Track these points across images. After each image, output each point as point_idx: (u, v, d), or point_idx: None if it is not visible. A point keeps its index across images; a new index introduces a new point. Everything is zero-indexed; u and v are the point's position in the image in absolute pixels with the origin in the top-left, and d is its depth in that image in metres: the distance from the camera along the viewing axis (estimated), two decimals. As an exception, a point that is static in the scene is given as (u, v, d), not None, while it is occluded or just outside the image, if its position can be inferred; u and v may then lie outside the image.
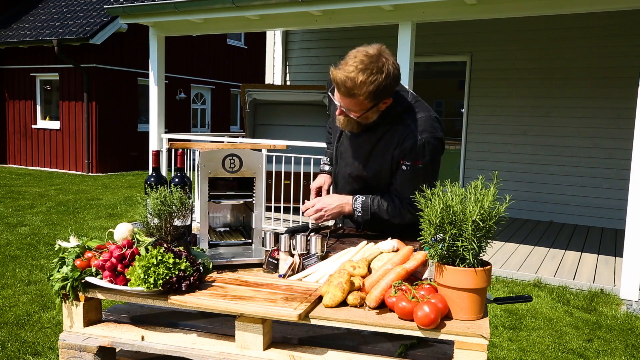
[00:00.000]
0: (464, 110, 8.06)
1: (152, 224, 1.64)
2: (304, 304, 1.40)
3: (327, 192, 2.23)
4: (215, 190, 1.85)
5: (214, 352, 1.49)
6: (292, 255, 1.71)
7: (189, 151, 7.09)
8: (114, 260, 1.50)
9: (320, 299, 1.47)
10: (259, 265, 1.76)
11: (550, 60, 7.39)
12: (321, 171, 2.35)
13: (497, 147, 7.83)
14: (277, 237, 1.74)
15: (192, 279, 1.50)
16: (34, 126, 13.40)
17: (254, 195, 1.82)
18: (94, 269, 1.55)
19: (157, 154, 1.87)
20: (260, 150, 5.73)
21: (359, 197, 2.01)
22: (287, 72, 9.18)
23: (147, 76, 13.26)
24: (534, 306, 4.26)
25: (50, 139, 13.20)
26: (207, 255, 1.71)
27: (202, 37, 15.14)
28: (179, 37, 12.18)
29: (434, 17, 5.32)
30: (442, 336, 1.31)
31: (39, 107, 13.41)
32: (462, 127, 8.09)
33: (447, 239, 1.34)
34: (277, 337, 1.56)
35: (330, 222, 2.18)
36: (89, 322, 1.65)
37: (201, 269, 1.56)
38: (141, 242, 1.58)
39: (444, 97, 8.47)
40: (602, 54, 7.06)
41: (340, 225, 2.31)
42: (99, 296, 1.58)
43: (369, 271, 1.58)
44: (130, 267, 1.50)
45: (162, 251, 1.48)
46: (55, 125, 13.13)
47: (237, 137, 9.27)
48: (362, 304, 1.43)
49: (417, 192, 1.56)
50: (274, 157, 6.54)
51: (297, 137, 7.39)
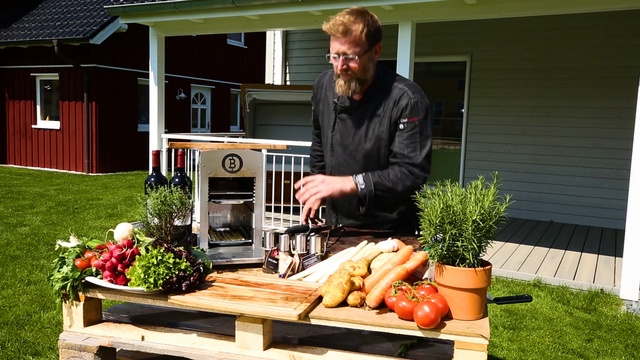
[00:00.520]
0: (464, 110, 8.06)
1: (152, 224, 1.64)
2: (304, 304, 1.40)
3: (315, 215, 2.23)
4: (215, 190, 1.85)
5: (214, 352, 1.49)
6: (291, 255, 1.71)
7: (189, 151, 7.10)
8: (114, 260, 1.50)
9: (320, 299, 1.47)
10: (259, 265, 1.77)
11: (550, 60, 7.39)
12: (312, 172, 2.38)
13: (497, 147, 7.83)
14: (277, 237, 1.74)
15: (192, 279, 1.50)
16: (34, 126, 13.41)
17: (254, 195, 1.82)
18: (94, 269, 1.55)
19: (157, 154, 1.87)
20: (260, 150, 5.73)
21: (359, 174, 2.00)
22: (287, 72, 9.18)
23: (147, 76, 13.26)
24: (534, 306, 4.26)
25: (50, 139, 13.20)
26: (207, 255, 1.71)
27: (202, 37, 15.14)
28: (179, 37, 12.16)
29: (434, 17, 5.32)
30: (442, 336, 1.31)
31: (39, 107, 13.41)
32: (462, 127, 8.08)
33: (447, 239, 1.34)
34: (277, 337, 1.56)
35: (317, 223, 2.15)
36: (89, 322, 1.65)
37: (201, 269, 1.56)
38: (141, 242, 1.58)
39: (444, 97, 8.46)
40: (602, 54, 7.06)
41: (340, 225, 2.31)
42: (99, 296, 1.58)
43: (369, 271, 1.58)
44: (130, 267, 1.50)
45: (162, 251, 1.48)
46: (55, 125, 13.13)
47: (237, 137, 9.27)
48: (362, 304, 1.43)
49: (416, 150, 1.82)
50: (274, 157, 6.54)
51: (297, 137, 7.39)
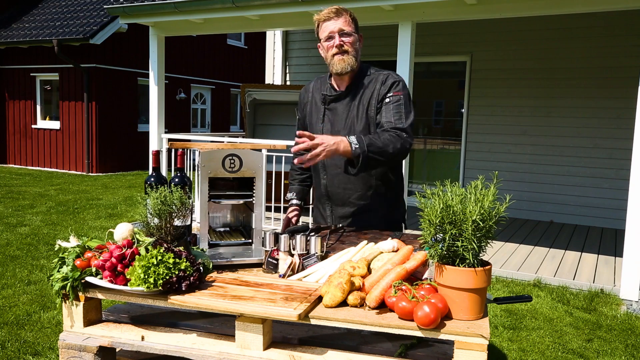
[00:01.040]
0: (464, 110, 8.06)
1: (152, 224, 1.64)
2: (304, 304, 1.40)
3: (296, 222, 2.38)
4: (215, 190, 1.85)
5: (214, 352, 1.49)
6: (291, 255, 1.71)
7: (189, 151, 7.10)
8: (114, 260, 1.50)
9: (320, 299, 1.47)
10: (259, 265, 1.77)
11: (550, 60, 7.39)
12: (290, 204, 2.46)
13: (497, 147, 7.83)
14: (276, 237, 1.74)
15: (192, 279, 1.50)
16: (34, 126, 13.41)
17: (254, 195, 1.82)
18: (94, 269, 1.55)
19: (157, 154, 1.87)
20: (260, 150, 5.73)
21: (352, 135, 2.02)
22: (287, 72, 9.18)
23: (147, 76, 13.26)
24: (534, 306, 4.26)
25: (50, 139, 13.20)
26: (207, 255, 1.71)
27: (202, 37, 15.14)
28: (179, 37, 12.18)
29: (434, 17, 5.32)
30: (442, 336, 1.31)
31: (39, 107, 13.41)
32: (462, 127, 8.08)
33: (447, 239, 1.34)
34: (277, 337, 1.56)
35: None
36: (89, 322, 1.65)
37: (201, 269, 1.56)
38: (141, 242, 1.58)
39: (444, 97, 8.46)
40: (602, 54, 7.06)
41: (340, 225, 2.31)
42: (99, 296, 1.58)
43: (369, 271, 1.58)
44: (130, 267, 1.50)
45: (162, 251, 1.48)
46: (55, 125, 13.13)
47: (237, 137, 9.27)
48: (362, 304, 1.43)
49: (402, 118, 2.10)
50: (274, 157, 6.54)
51: (297, 137, 7.37)
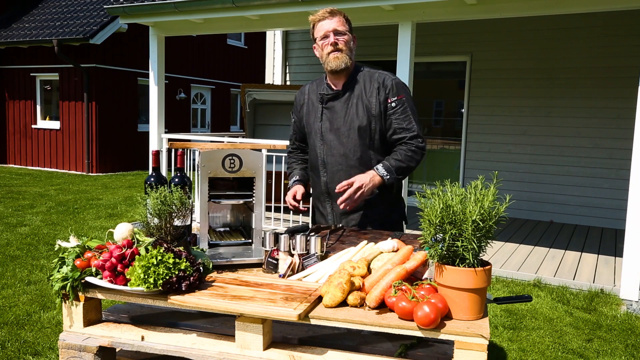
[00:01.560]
0: (464, 110, 8.06)
1: (152, 224, 1.64)
2: (304, 304, 1.40)
3: (301, 198, 2.37)
4: (215, 190, 1.85)
5: (214, 352, 1.49)
6: (291, 255, 1.71)
7: (189, 151, 7.09)
8: (114, 260, 1.50)
9: (320, 299, 1.47)
10: (258, 265, 1.76)
11: (550, 60, 7.39)
12: (294, 182, 2.47)
13: (497, 147, 7.83)
14: (276, 237, 1.74)
15: (192, 279, 1.50)
16: (34, 126, 13.40)
17: (254, 195, 1.82)
18: (94, 269, 1.55)
19: (157, 154, 1.87)
20: (260, 150, 5.73)
21: (378, 166, 2.18)
22: (287, 72, 9.17)
23: (147, 76, 13.25)
24: (534, 306, 4.26)
25: (50, 139, 13.20)
26: (207, 255, 1.71)
27: (202, 37, 15.14)
28: (179, 37, 12.17)
29: (434, 17, 5.32)
30: (442, 336, 1.31)
31: (39, 107, 13.41)
32: (462, 127, 8.08)
33: (447, 239, 1.34)
34: (277, 337, 1.56)
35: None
36: (89, 322, 1.65)
37: (201, 269, 1.56)
38: (141, 242, 1.58)
39: (444, 97, 8.46)
40: (602, 54, 7.06)
41: (340, 225, 2.31)
42: (99, 296, 1.58)
43: (369, 271, 1.58)
44: (130, 267, 1.50)
45: (162, 251, 1.48)
46: (55, 125, 13.13)
47: (237, 137, 9.26)
48: (362, 304, 1.43)
49: (412, 122, 2.21)
50: (274, 157, 6.54)
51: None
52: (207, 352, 1.49)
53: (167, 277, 1.45)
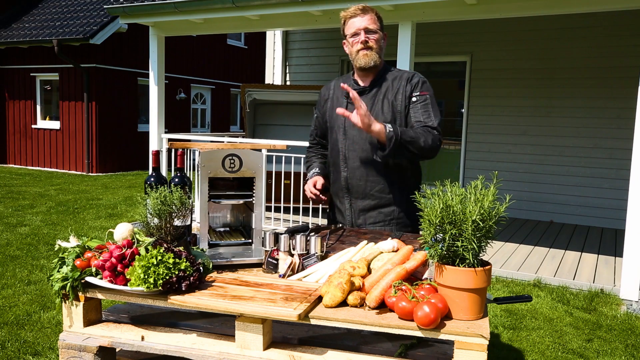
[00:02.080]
0: (464, 110, 8.06)
1: (152, 224, 1.64)
2: (304, 304, 1.40)
3: (321, 187, 2.34)
4: (215, 190, 1.85)
5: (214, 352, 1.49)
6: (291, 255, 1.71)
7: (189, 151, 7.09)
8: (114, 260, 1.50)
9: (320, 299, 1.47)
10: (258, 265, 1.76)
11: (550, 60, 7.39)
12: (313, 173, 2.44)
13: (497, 147, 7.83)
14: (276, 237, 1.74)
15: (192, 279, 1.50)
16: (34, 126, 13.40)
17: (254, 195, 1.82)
18: (94, 269, 1.55)
19: (157, 154, 1.87)
20: (260, 150, 5.73)
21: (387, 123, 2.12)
22: (287, 72, 9.17)
23: (147, 76, 13.25)
24: (534, 306, 4.26)
25: (50, 139, 13.20)
26: (207, 255, 1.71)
27: (202, 37, 15.14)
28: (179, 37, 12.17)
29: (434, 17, 5.32)
30: (442, 336, 1.31)
31: (39, 107, 13.40)
32: (462, 127, 8.08)
33: (447, 239, 1.34)
34: (277, 337, 1.56)
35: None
36: (89, 322, 1.65)
37: (201, 269, 1.56)
38: (141, 242, 1.58)
39: (444, 97, 8.46)
40: (602, 54, 7.06)
41: (340, 225, 2.31)
42: (99, 296, 1.58)
43: (369, 271, 1.58)
44: (130, 267, 1.50)
45: (162, 251, 1.48)
46: (55, 125, 13.13)
47: (237, 137, 9.26)
48: (362, 304, 1.43)
49: (431, 117, 2.17)
50: (274, 157, 6.54)
51: (297, 137, 7.39)
52: (207, 352, 1.49)
53: (167, 277, 1.45)
